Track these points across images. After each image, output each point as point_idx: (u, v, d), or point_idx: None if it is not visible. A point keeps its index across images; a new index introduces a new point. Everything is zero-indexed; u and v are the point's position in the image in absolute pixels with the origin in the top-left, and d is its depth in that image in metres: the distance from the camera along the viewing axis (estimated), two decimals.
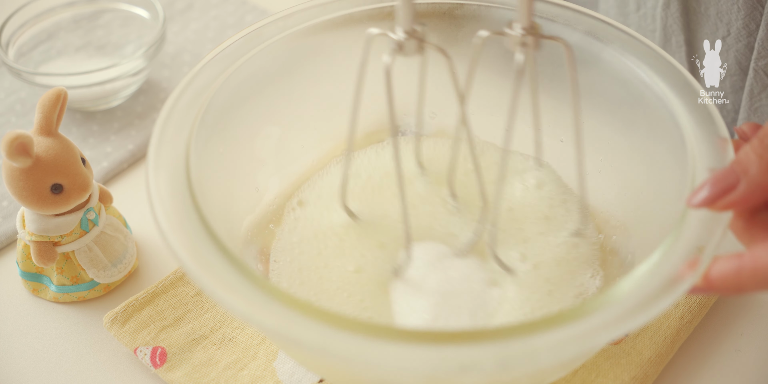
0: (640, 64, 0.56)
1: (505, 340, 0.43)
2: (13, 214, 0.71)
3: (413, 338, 0.43)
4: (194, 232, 0.48)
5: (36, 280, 0.65)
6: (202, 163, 0.53)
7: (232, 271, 0.46)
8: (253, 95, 0.60)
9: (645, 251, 0.51)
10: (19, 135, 0.56)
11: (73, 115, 0.79)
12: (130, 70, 0.76)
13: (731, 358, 0.61)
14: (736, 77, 0.69)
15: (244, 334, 0.61)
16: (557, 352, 0.43)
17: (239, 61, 0.57)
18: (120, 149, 0.76)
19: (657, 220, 0.53)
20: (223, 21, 0.89)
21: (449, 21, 0.61)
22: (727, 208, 0.46)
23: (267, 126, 0.62)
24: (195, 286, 0.63)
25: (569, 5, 0.59)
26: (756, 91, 0.67)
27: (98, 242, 0.63)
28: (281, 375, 0.59)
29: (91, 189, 0.62)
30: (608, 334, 0.43)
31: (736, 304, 0.63)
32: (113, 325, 0.62)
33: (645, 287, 0.45)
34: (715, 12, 0.67)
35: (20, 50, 0.80)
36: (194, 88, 0.55)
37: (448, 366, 0.43)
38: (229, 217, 0.57)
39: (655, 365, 0.59)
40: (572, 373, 0.58)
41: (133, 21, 0.84)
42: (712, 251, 0.46)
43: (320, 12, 0.60)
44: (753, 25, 0.66)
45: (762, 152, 0.45)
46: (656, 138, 0.55)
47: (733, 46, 0.67)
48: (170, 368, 0.60)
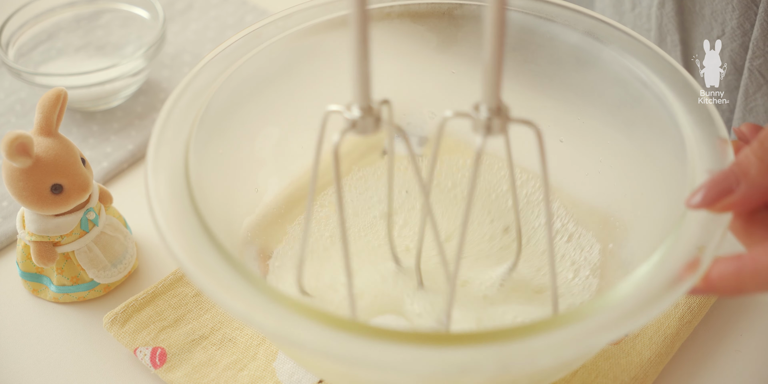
0: (640, 64, 0.55)
1: (505, 341, 0.43)
2: (13, 214, 0.71)
3: (413, 340, 0.43)
4: (193, 233, 0.48)
5: (36, 280, 0.65)
6: (201, 163, 0.52)
7: (231, 272, 0.46)
8: (253, 95, 0.60)
9: (645, 252, 0.50)
10: (19, 135, 0.56)
11: (73, 115, 0.79)
12: (130, 70, 0.76)
13: (731, 359, 0.60)
14: (731, 77, 0.69)
15: (243, 334, 0.61)
16: (557, 353, 0.43)
17: (239, 62, 0.57)
18: (120, 149, 0.76)
19: (657, 221, 0.53)
20: (223, 21, 0.89)
21: (449, 21, 0.61)
22: (725, 210, 0.46)
23: (267, 126, 0.62)
24: (195, 287, 0.63)
25: (568, 5, 0.59)
26: (751, 91, 0.67)
27: (98, 242, 0.63)
28: (281, 375, 0.59)
29: (91, 189, 0.62)
30: (608, 335, 0.43)
31: (736, 304, 0.63)
32: (113, 325, 0.62)
33: (645, 288, 0.45)
34: (709, 11, 0.67)
35: (20, 50, 0.80)
36: (194, 88, 0.55)
37: (447, 367, 0.42)
38: (228, 218, 0.57)
39: (654, 365, 0.59)
40: (572, 374, 0.58)
41: (133, 21, 0.83)
42: (712, 252, 0.46)
43: (320, 12, 0.60)
44: (747, 24, 0.65)
45: (762, 155, 0.45)
46: (656, 138, 0.55)
47: (728, 45, 0.67)
48: (170, 369, 0.60)
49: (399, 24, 0.60)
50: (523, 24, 0.59)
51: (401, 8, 0.60)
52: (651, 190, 0.57)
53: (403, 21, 0.61)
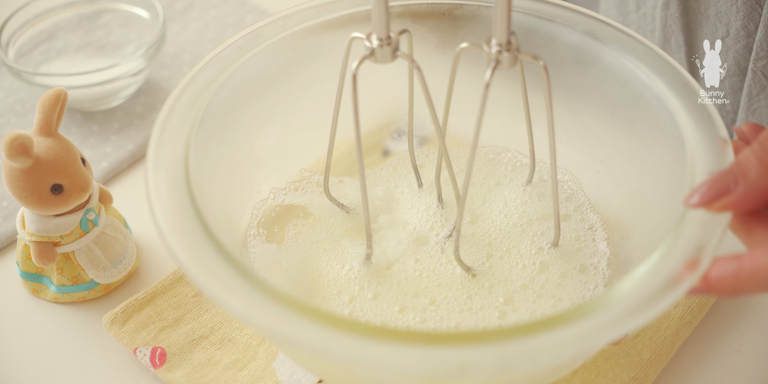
0: (640, 64, 0.56)
1: (504, 341, 0.43)
2: (13, 215, 0.71)
3: (412, 339, 0.43)
4: (193, 233, 0.48)
5: (36, 280, 0.65)
6: (201, 163, 0.52)
7: (231, 272, 0.46)
8: (253, 95, 0.60)
9: (644, 251, 0.50)
10: (19, 135, 0.56)
11: (73, 116, 0.79)
12: (130, 70, 0.76)
13: (731, 359, 0.60)
14: (734, 78, 0.69)
15: (243, 334, 0.61)
16: (556, 353, 0.43)
17: (239, 62, 0.57)
18: (120, 149, 0.76)
19: (656, 221, 0.53)
20: (223, 21, 0.89)
21: (449, 21, 0.61)
22: (723, 210, 0.46)
23: (267, 126, 0.62)
24: (195, 287, 0.63)
25: (569, 5, 0.59)
26: (755, 93, 0.67)
27: (98, 242, 0.63)
28: (281, 375, 0.59)
29: (91, 189, 0.62)
30: (607, 334, 0.43)
31: (736, 304, 0.63)
32: (113, 325, 0.62)
33: (644, 288, 0.45)
34: (714, 12, 0.67)
35: (20, 50, 0.80)
36: (194, 88, 0.55)
37: (447, 367, 0.43)
38: (228, 218, 0.57)
39: (654, 365, 0.59)
40: (572, 374, 0.58)
41: (133, 21, 0.83)
42: (712, 252, 0.46)
43: (320, 12, 0.60)
44: (752, 25, 0.65)
45: (762, 156, 0.45)
46: (656, 138, 0.55)
47: (732, 46, 0.67)
48: (170, 368, 0.60)
49: (399, 24, 0.60)
50: (523, 24, 0.59)
51: (401, 8, 0.60)
52: (651, 190, 0.57)
53: (403, 21, 0.61)
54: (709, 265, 0.45)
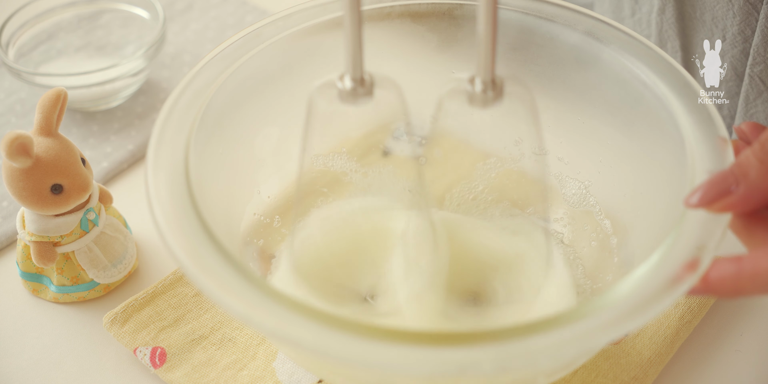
0: (640, 64, 0.56)
1: (504, 341, 0.43)
2: (13, 215, 0.71)
3: (412, 339, 0.43)
4: (193, 233, 0.48)
5: (36, 280, 0.65)
6: (201, 163, 0.52)
7: (231, 272, 0.46)
8: (252, 95, 0.60)
9: (644, 252, 0.50)
10: (19, 135, 0.56)
11: (73, 116, 0.79)
12: (130, 70, 0.76)
13: (731, 359, 0.60)
14: (731, 83, 0.69)
15: (243, 334, 0.61)
16: (557, 353, 0.43)
17: (239, 61, 0.57)
18: (120, 149, 0.76)
19: (656, 221, 0.53)
20: (223, 21, 0.89)
21: (449, 21, 0.61)
22: (724, 210, 0.46)
23: (267, 126, 0.62)
24: (195, 287, 0.63)
25: (568, 5, 0.59)
26: (752, 98, 0.67)
27: (98, 242, 0.63)
28: (281, 375, 0.59)
29: (91, 189, 0.62)
30: (607, 334, 0.43)
31: (736, 304, 0.63)
32: (113, 325, 0.62)
33: (644, 288, 0.45)
34: (710, 17, 0.67)
35: (20, 50, 0.80)
36: (194, 88, 0.55)
37: (446, 367, 0.43)
38: (228, 218, 0.57)
39: (654, 365, 0.59)
40: (572, 374, 0.58)
41: (133, 21, 0.84)
42: (712, 252, 0.46)
43: (320, 12, 0.60)
44: (748, 30, 0.65)
45: (763, 156, 0.45)
46: (656, 138, 0.55)
47: (728, 51, 0.67)
48: (170, 368, 0.60)
49: (399, 24, 0.60)
50: (523, 24, 0.59)
51: (401, 8, 0.60)
52: (651, 190, 0.57)
53: (403, 21, 0.61)
54: (710, 265, 0.45)
